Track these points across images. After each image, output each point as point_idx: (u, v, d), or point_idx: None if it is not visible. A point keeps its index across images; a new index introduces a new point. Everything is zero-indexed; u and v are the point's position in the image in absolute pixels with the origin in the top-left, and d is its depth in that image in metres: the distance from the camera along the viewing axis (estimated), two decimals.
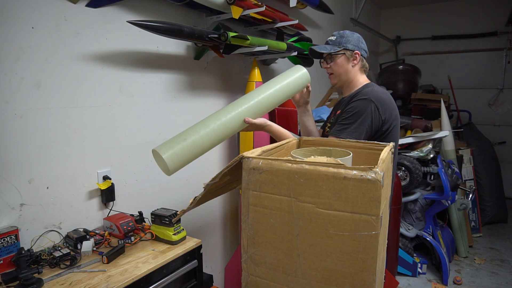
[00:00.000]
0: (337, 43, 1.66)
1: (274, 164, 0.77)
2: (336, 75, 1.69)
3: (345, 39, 1.66)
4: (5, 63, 1.27)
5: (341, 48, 1.65)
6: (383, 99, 1.57)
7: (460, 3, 5.31)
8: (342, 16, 4.18)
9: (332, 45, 1.68)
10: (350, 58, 1.66)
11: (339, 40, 1.67)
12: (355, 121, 1.52)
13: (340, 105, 1.72)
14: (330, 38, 1.71)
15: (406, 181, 3.08)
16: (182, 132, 1.38)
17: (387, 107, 1.56)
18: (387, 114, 1.55)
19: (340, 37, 1.67)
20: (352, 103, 1.56)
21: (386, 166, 0.79)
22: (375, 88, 1.61)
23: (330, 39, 1.70)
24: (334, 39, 1.68)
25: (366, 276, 0.69)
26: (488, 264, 3.39)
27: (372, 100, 1.53)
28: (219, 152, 2.38)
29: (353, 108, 1.54)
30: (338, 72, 1.68)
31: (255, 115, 1.49)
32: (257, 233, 0.82)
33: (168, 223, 1.49)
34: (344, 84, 1.72)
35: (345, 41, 1.65)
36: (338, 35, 1.69)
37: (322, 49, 1.67)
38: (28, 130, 1.36)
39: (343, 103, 1.68)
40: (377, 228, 0.67)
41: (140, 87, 1.79)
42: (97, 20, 1.56)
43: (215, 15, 2.07)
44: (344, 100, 1.70)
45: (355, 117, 1.52)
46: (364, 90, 1.60)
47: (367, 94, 1.55)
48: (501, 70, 5.10)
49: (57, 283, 1.17)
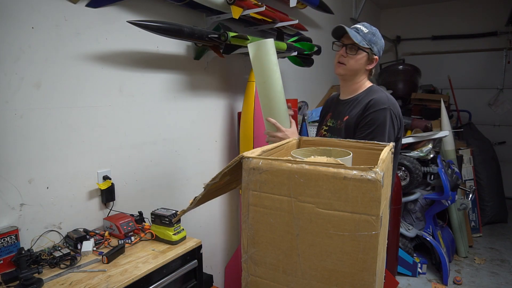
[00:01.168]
0: (368, 39, 1.57)
1: (274, 164, 0.77)
2: (348, 67, 1.59)
3: (375, 38, 1.58)
4: (5, 63, 1.27)
5: (369, 46, 1.57)
6: (396, 105, 1.56)
7: (460, 3, 5.31)
8: (342, 16, 4.18)
9: (362, 37, 1.56)
10: (369, 60, 1.60)
11: (370, 37, 1.57)
12: (382, 133, 1.48)
13: (339, 106, 1.67)
14: (361, 28, 1.59)
15: (406, 181, 3.08)
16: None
17: (399, 112, 1.55)
18: (400, 119, 1.55)
19: (372, 35, 1.58)
20: (373, 113, 1.50)
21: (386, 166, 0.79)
22: (387, 95, 1.58)
23: (361, 29, 1.58)
24: (366, 32, 1.57)
25: (366, 276, 0.69)
26: (488, 264, 3.39)
27: (391, 109, 1.51)
28: (219, 152, 2.39)
29: (375, 119, 1.49)
30: (353, 67, 1.59)
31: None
32: (257, 233, 0.82)
33: (168, 223, 1.49)
34: (349, 80, 1.64)
35: (374, 41, 1.58)
36: (370, 30, 1.59)
37: (354, 36, 1.53)
38: (28, 130, 1.36)
39: (345, 104, 1.63)
40: (377, 228, 0.67)
41: (140, 87, 1.79)
42: (97, 20, 1.56)
43: (215, 15, 2.07)
44: (346, 102, 1.64)
45: (380, 129, 1.48)
46: (378, 96, 1.54)
47: (385, 102, 1.51)
48: (501, 70, 5.10)
49: (57, 283, 1.17)
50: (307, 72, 3.47)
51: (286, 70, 3.09)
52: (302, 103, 3.29)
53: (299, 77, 3.35)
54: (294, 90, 3.27)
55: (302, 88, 3.44)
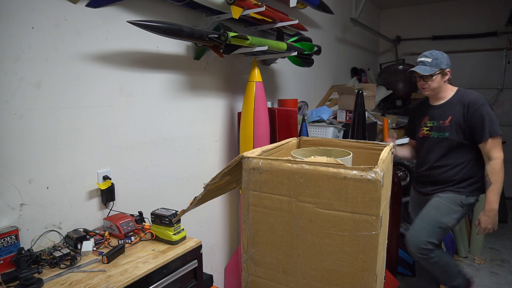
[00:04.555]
0: (434, 65, 2.09)
1: (274, 164, 0.77)
2: (431, 88, 2.14)
3: (439, 60, 2.09)
4: (5, 63, 1.27)
5: (438, 68, 2.08)
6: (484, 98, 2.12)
7: (460, 3, 5.31)
8: (342, 16, 4.18)
9: (430, 67, 2.08)
10: (444, 75, 2.13)
11: (435, 62, 2.08)
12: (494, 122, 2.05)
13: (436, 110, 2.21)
14: (425, 59, 2.11)
15: (406, 181, 3.08)
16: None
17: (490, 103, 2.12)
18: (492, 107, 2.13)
19: (435, 59, 2.09)
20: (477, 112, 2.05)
21: (386, 166, 0.79)
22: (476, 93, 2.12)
23: (426, 61, 2.10)
24: (431, 61, 2.09)
25: (366, 276, 0.69)
26: (488, 264, 3.38)
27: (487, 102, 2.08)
28: (219, 152, 2.39)
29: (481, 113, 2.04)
30: (434, 87, 2.14)
31: None
32: (257, 233, 0.82)
33: (168, 223, 1.49)
34: (436, 94, 2.19)
35: (439, 62, 2.09)
36: (432, 57, 2.10)
37: (424, 71, 2.07)
38: (28, 130, 1.35)
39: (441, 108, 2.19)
40: (377, 228, 0.67)
41: (140, 87, 1.79)
42: (97, 20, 1.56)
43: (215, 15, 2.07)
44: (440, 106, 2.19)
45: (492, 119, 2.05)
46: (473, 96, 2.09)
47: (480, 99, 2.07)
48: (501, 70, 5.09)
49: (57, 283, 1.17)
50: (307, 72, 3.47)
51: (286, 70, 3.08)
52: (302, 103, 3.29)
53: (299, 77, 3.35)
54: (294, 90, 3.27)
55: (302, 88, 3.44)
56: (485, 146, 2.05)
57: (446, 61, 2.12)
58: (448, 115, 2.14)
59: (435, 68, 2.08)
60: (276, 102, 2.92)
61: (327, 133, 2.96)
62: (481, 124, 2.03)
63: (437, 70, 2.08)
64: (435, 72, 2.08)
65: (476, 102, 2.05)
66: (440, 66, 2.09)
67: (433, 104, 2.25)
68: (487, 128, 2.02)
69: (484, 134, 2.03)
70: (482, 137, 2.05)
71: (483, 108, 2.04)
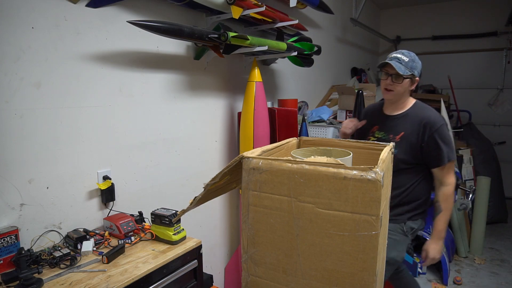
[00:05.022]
0: (409, 67, 1.79)
1: (274, 164, 0.77)
2: (396, 93, 1.84)
3: (415, 64, 1.81)
4: (5, 63, 1.27)
5: (411, 72, 1.79)
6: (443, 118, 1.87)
7: (460, 3, 5.31)
8: (342, 16, 4.18)
9: (404, 66, 1.78)
10: (412, 82, 1.84)
11: (411, 64, 1.79)
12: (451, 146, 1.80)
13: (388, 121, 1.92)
14: (401, 57, 1.79)
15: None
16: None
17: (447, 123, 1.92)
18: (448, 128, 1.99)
19: (412, 61, 1.80)
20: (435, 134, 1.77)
21: (386, 166, 0.79)
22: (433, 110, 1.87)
23: (402, 59, 1.79)
24: (407, 61, 1.79)
25: (366, 276, 0.69)
26: (488, 264, 3.38)
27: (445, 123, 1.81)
28: (219, 152, 2.39)
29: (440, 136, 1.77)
30: (399, 92, 1.84)
31: None
32: (257, 233, 0.82)
33: (168, 223, 1.49)
34: (396, 101, 1.90)
35: (415, 67, 1.80)
36: (409, 57, 1.80)
37: (399, 69, 1.76)
38: (28, 130, 1.35)
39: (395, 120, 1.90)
40: (377, 228, 0.67)
41: (140, 87, 1.79)
42: (97, 20, 1.56)
43: (215, 15, 2.07)
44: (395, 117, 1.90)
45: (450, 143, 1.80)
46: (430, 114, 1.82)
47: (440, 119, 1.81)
48: (501, 70, 5.09)
49: (57, 283, 1.17)
50: (307, 72, 3.47)
51: (286, 70, 3.08)
52: (302, 103, 3.29)
53: (299, 77, 3.35)
54: (294, 90, 3.27)
55: (302, 88, 3.44)
56: (440, 171, 1.82)
57: (420, 68, 1.85)
58: (400, 130, 1.86)
59: (409, 71, 1.79)
60: (276, 102, 2.92)
61: (327, 133, 2.96)
62: (438, 148, 1.77)
63: (410, 73, 1.80)
64: (408, 74, 1.80)
65: (435, 123, 1.78)
66: (414, 71, 1.81)
67: (387, 113, 1.96)
68: (445, 153, 1.77)
69: (441, 158, 1.78)
70: (439, 161, 1.80)
71: (441, 130, 1.78)
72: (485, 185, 3.55)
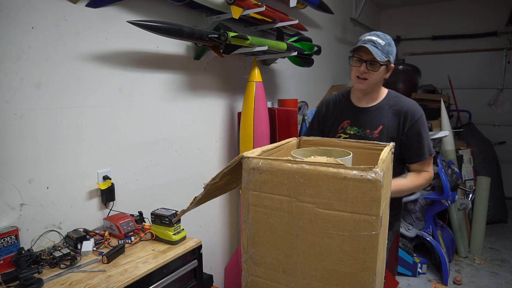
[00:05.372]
0: (386, 51, 1.55)
1: (274, 164, 0.77)
2: (370, 82, 1.59)
3: (391, 48, 1.57)
4: (5, 63, 1.27)
5: (387, 58, 1.56)
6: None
7: (460, 3, 5.31)
8: (342, 16, 4.18)
9: (381, 51, 1.53)
10: (387, 70, 1.61)
11: (387, 49, 1.55)
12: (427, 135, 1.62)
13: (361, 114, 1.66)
14: (377, 40, 1.54)
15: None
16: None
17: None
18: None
19: (388, 45, 1.56)
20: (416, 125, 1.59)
21: (386, 166, 0.79)
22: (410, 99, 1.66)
23: (378, 42, 1.53)
24: (383, 45, 1.54)
25: (366, 276, 0.69)
26: (488, 264, 3.38)
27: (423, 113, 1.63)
28: (219, 152, 2.38)
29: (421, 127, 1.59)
30: (374, 80, 1.59)
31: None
32: (257, 233, 0.82)
33: (168, 223, 1.49)
34: (370, 93, 1.66)
35: (391, 51, 1.57)
36: (386, 40, 1.56)
37: (376, 54, 1.51)
38: (28, 130, 1.36)
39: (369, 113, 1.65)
40: (377, 228, 0.67)
41: (140, 87, 1.79)
42: (97, 20, 1.56)
43: (215, 15, 2.07)
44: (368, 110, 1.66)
45: (427, 131, 1.62)
46: (410, 104, 1.62)
47: (419, 109, 1.62)
48: (501, 70, 5.09)
49: (57, 283, 1.17)
50: (307, 72, 3.47)
51: (286, 70, 3.08)
52: (302, 103, 3.29)
53: (299, 77, 3.35)
54: (294, 90, 3.27)
55: (302, 88, 3.44)
56: (419, 167, 1.63)
57: (395, 53, 1.61)
58: (378, 124, 1.62)
59: (385, 56, 1.54)
60: (276, 102, 2.92)
61: None
62: (420, 140, 1.59)
63: (387, 59, 1.55)
64: (385, 60, 1.55)
65: (415, 112, 1.60)
66: (390, 56, 1.57)
67: (359, 105, 1.70)
68: (426, 146, 1.59)
69: (422, 153, 1.59)
70: (420, 155, 1.60)
71: (422, 120, 1.60)
72: (485, 185, 3.55)
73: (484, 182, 3.56)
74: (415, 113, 1.59)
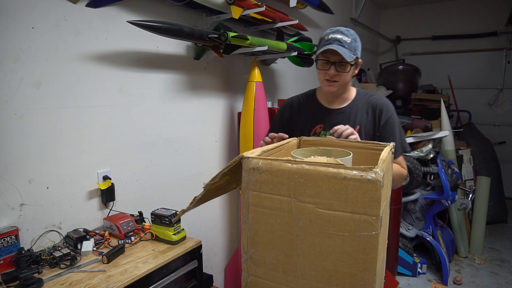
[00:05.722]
0: (353, 48, 1.41)
1: (274, 164, 0.77)
2: (341, 83, 1.46)
3: (357, 43, 1.44)
4: (5, 63, 1.27)
5: (356, 55, 1.42)
6: None
7: (460, 3, 5.31)
8: (342, 16, 4.18)
9: (349, 50, 1.39)
10: (356, 67, 1.49)
11: (354, 45, 1.42)
12: (400, 130, 1.54)
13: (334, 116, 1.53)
14: (343, 38, 1.40)
15: (406, 181, 3.08)
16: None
17: None
18: None
19: (354, 41, 1.42)
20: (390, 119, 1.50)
21: (386, 166, 0.79)
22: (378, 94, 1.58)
23: (344, 40, 1.39)
24: (350, 42, 1.40)
25: (366, 276, 0.69)
26: (488, 264, 3.38)
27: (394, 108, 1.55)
28: (219, 152, 2.38)
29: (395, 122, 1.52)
30: (345, 81, 1.47)
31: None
32: (257, 233, 0.82)
33: (168, 223, 1.49)
34: (341, 94, 1.54)
35: (357, 47, 1.44)
36: (351, 36, 1.42)
37: (345, 55, 1.37)
38: (28, 130, 1.35)
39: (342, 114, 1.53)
40: (377, 228, 0.67)
41: (140, 87, 1.79)
42: (97, 20, 1.56)
43: (215, 15, 2.07)
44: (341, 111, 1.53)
45: (399, 127, 1.54)
46: (383, 100, 1.54)
47: (392, 105, 1.54)
48: (501, 70, 5.09)
49: (57, 283, 1.17)
50: (307, 72, 3.47)
51: (286, 70, 3.08)
52: None
53: (299, 77, 3.35)
54: (294, 90, 3.27)
55: (302, 88, 3.42)
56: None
57: (361, 47, 1.47)
58: (355, 125, 1.50)
59: (353, 54, 1.41)
60: (276, 102, 2.92)
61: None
62: (393, 136, 1.49)
63: (355, 57, 1.42)
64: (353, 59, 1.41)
65: (388, 107, 1.51)
66: (357, 52, 1.43)
67: (331, 106, 1.56)
68: (399, 142, 1.50)
69: (396, 149, 1.47)
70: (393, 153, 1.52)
71: (395, 115, 1.52)
72: (485, 185, 3.55)
73: (484, 182, 3.56)
74: (389, 108, 1.51)
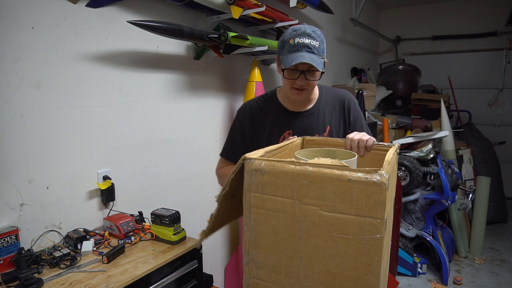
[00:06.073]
0: (321, 52, 1.29)
1: (277, 166, 0.76)
2: (310, 90, 1.37)
3: (324, 45, 1.31)
4: (5, 63, 1.27)
5: (324, 59, 1.31)
6: None
7: (460, 3, 5.31)
8: (342, 16, 4.17)
9: (318, 56, 1.27)
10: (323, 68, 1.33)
11: (322, 48, 1.29)
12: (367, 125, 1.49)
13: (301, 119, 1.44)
14: (311, 43, 1.25)
15: (406, 181, 3.08)
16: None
17: None
18: None
19: (322, 43, 1.29)
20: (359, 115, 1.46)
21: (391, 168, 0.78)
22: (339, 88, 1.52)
23: (313, 45, 1.25)
24: (318, 46, 1.27)
25: (370, 279, 0.69)
26: (488, 264, 3.39)
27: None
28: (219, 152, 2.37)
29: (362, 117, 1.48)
30: (313, 87, 1.38)
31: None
32: (259, 235, 0.81)
33: (168, 223, 1.49)
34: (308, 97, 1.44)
35: (325, 48, 1.32)
36: (319, 38, 1.28)
37: (316, 63, 1.24)
38: (28, 130, 1.35)
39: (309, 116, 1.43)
40: (382, 231, 0.66)
41: (140, 87, 1.79)
42: (97, 20, 1.55)
43: (215, 15, 2.06)
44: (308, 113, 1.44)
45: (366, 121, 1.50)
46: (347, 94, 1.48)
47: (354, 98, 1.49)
48: (501, 70, 5.09)
49: (57, 283, 1.17)
50: None
51: None
52: None
53: None
54: None
55: None
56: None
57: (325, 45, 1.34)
58: (325, 125, 1.41)
59: (322, 58, 1.29)
60: None
61: None
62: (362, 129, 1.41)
63: (324, 60, 1.31)
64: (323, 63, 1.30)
65: (354, 100, 1.44)
66: (324, 54, 1.31)
67: (296, 110, 1.45)
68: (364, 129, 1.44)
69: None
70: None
71: (359, 108, 1.47)
72: (485, 185, 3.55)
73: (484, 182, 3.56)
74: (355, 101, 1.45)
